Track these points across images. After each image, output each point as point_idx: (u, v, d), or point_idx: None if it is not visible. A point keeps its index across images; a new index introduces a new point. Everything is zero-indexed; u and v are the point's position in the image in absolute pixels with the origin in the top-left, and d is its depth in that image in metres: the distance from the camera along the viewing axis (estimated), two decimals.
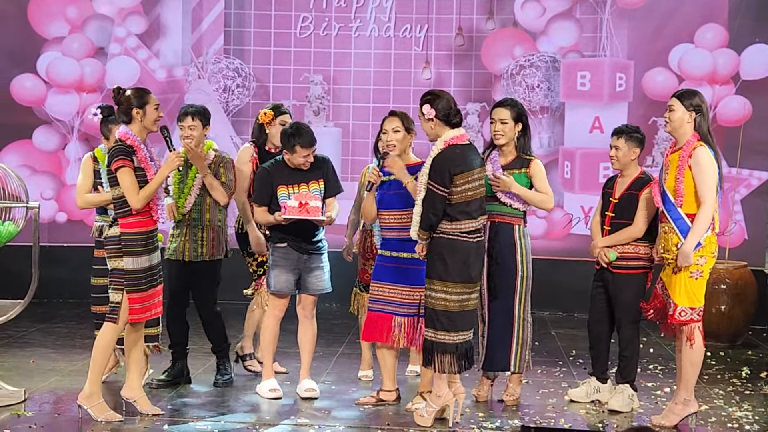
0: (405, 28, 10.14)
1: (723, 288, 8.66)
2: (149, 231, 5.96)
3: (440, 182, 5.78)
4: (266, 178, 6.58)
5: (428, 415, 5.99)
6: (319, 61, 10.17)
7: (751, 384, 7.28)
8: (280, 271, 6.60)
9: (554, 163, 10.00)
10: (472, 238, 5.85)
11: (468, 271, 5.84)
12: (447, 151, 5.84)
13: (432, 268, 5.87)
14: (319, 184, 6.57)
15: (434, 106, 5.88)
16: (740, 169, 9.53)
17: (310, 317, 6.69)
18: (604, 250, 6.42)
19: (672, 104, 6.07)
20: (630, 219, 6.39)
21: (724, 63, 9.71)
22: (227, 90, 10.14)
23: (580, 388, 6.64)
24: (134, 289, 5.91)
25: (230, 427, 5.95)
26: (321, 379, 7.09)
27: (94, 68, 10.06)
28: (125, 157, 5.86)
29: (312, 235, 6.58)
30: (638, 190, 6.40)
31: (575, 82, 9.98)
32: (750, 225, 9.70)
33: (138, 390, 6.13)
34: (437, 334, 5.86)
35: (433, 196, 5.80)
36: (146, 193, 5.88)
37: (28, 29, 10.04)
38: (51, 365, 7.30)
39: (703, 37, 9.74)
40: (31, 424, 5.86)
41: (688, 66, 9.74)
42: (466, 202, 5.81)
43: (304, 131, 6.48)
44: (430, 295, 5.87)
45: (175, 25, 10.18)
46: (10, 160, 9.68)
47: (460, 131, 5.92)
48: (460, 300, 5.84)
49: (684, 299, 5.97)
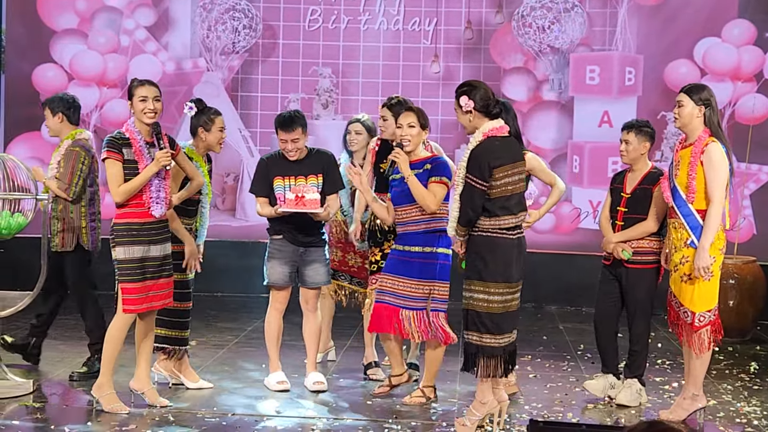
0: (414, 21, 10.13)
1: (732, 283, 8.63)
2: (141, 223, 5.92)
3: (479, 176, 5.48)
4: (264, 170, 6.57)
5: (471, 424, 5.68)
6: (328, 54, 10.16)
7: (759, 379, 7.27)
8: (275, 263, 6.58)
9: (563, 157, 9.98)
10: (512, 234, 5.57)
11: (509, 271, 5.55)
12: (486, 143, 5.56)
13: (471, 268, 5.59)
14: (318, 178, 6.55)
15: (472, 97, 5.62)
16: (749, 164, 9.51)
17: (313, 310, 6.68)
18: (618, 246, 6.40)
19: (681, 99, 6.05)
20: (643, 214, 6.35)
21: (749, 60, 9.68)
22: (234, 31, 10.12)
23: (597, 381, 6.53)
24: (127, 279, 5.90)
25: (238, 419, 5.95)
26: (328, 372, 7.09)
27: (117, 63, 10.07)
28: (112, 149, 5.85)
29: (309, 228, 6.54)
30: (651, 184, 6.35)
31: (584, 76, 9.95)
32: (759, 220, 9.67)
33: (146, 381, 6.14)
34: (482, 337, 5.58)
35: (472, 191, 5.50)
36: (127, 188, 5.85)
37: (37, 21, 10.05)
38: (59, 356, 7.31)
39: (731, 33, 9.71)
40: (39, 414, 5.88)
41: (713, 60, 9.71)
42: (506, 197, 5.53)
43: (287, 116, 6.49)
44: (471, 297, 5.58)
45: (184, 18, 10.18)
46: (20, 152, 9.69)
47: (499, 122, 5.65)
48: (503, 300, 5.56)
49: (701, 305, 5.96)
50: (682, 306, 6.01)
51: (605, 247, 6.46)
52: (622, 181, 6.51)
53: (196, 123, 6.47)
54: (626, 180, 6.49)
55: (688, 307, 5.98)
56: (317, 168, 6.56)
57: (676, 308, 6.05)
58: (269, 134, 10.19)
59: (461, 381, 6.74)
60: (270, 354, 6.70)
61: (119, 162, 5.85)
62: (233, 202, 10.27)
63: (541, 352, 7.96)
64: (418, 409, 6.24)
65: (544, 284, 9.51)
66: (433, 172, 6.21)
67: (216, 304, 9.45)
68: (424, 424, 5.94)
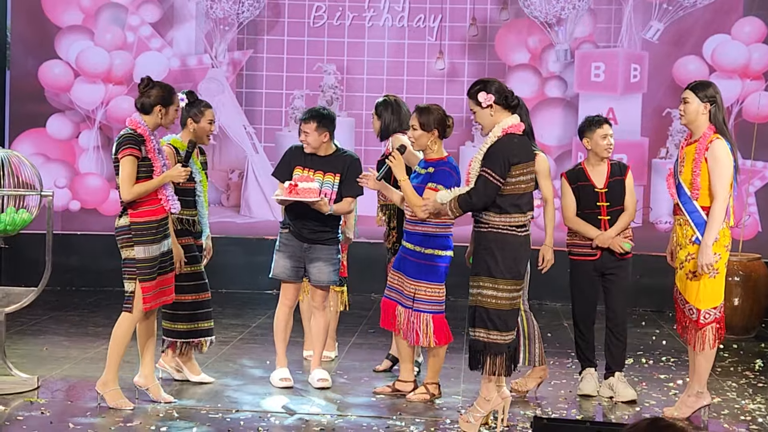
0: (419, 18, 10.12)
1: (736, 280, 8.63)
2: (159, 219, 5.95)
3: (498, 171, 5.45)
4: (289, 156, 6.62)
5: (475, 421, 5.66)
6: (333, 51, 10.15)
7: (764, 377, 7.26)
8: (279, 256, 6.61)
9: (567, 154, 9.97)
10: (521, 232, 5.57)
11: (518, 268, 5.57)
12: (505, 139, 5.53)
13: (480, 264, 5.56)
14: (335, 177, 6.54)
15: (489, 91, 5.58)
16: (755, 161, 9.49)
17: (320, 308, 6.67)
18: (617, 239, 6.41)
19: (686, 96, 6.03)
20: (620, 205, 6.49)
21: (759, 58, 9.66)
22: (237, 2, 10.11)
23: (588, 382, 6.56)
24: (146, 278, 5.91)
25: (241, 416, 5.96)
26: (333, 369, 7.09)
27: (123, 60, 10.07)
28: (134, 146, 5.85)
29: (315, 223, 6.53)
30: (621, 175, 6.50)
31: (590, 72, 9.94)
32: (764, 217, 9.66)
33: (150, 378, 6.15)
34: (489, 334, 5.56)
35: (486, 183, 5.46)
36: (140, 189, 5.85)
37: (42, 17, 10.05)
38: (64, 353, 7.32)
39: (741, 30, 9.70)
40: (43, 410, 5.89)
41: (722, 57, 9.69)
42: (518, 195, 5.52)
43: (312, 109, 6.57)
44: (479, 293, 5.55)
45: (189, 14, 10.18)
46: (24, 149, 9.71)
47: (516, 119, 5.61)
48: (511, 297, 5.56)
49: (707, 302, 5.96)
50: (687, 303, 6.00)
51: (602, 244, 6.44)
52: (586, 178, 6.50)
53: (186, 114, 6.52)
54: (589, 175, 6.50)
55: (693, 305, 5.97)
56: (337, 167, 6.54)
57: (682, 306, 6.05)
58: (274, 131, 10.20)
59: (465, 378, 6.74)
60: (277, 349, 6.70)
61: (137, 160, 5.87)
62: (238, 199, 10.27)
63: (545, 349, 7.93)
64: (422, 406, 6.24)
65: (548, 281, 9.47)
66: (434, 177, 6.18)
67: (220, 301, 9.46)
68: (428, 421, 5.93)
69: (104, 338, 6.99)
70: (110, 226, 6.30)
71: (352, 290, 7.58)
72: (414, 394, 6.37)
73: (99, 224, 9.95)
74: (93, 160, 10.14)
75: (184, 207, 6.42)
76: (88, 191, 10.16)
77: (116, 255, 5.99)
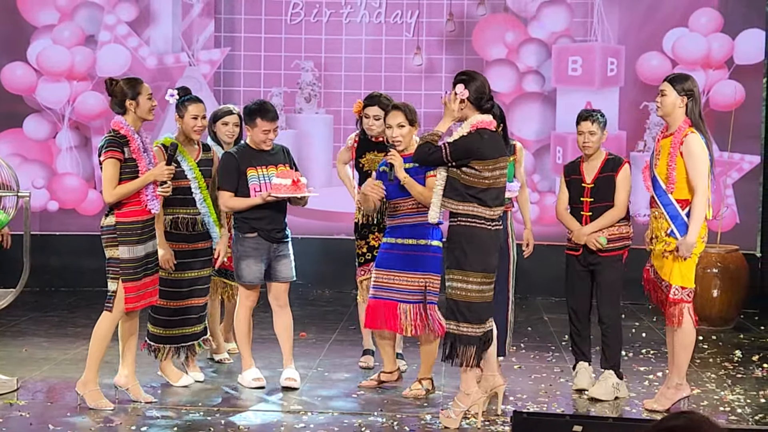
0: (396, 14, 10.12)
1: (715, 272, 8.67)
2: (145, 220, 5.94)
3: (453, 155, 5.59)
4: (233, 162, 6.45)
5: (456, 416, 5.72)
6: (310, 48, 10.14)
7: (743, 368, 7.30)
8: (250, 262, 6.45)
9: (546, 148, 10.00)
10: (490, 226, 5.66)
11: (487, 260, 5.65)
12: (473, 135, 5.65)
13: (451, 258, 5.68)
14: (286, 168, 6.52)
15: (468, 86, 5.67)
16: (731, 153, 9.54)
17: (285, 306, 6.59)
18: (593, 236, 6.40)
19: (664, 88, 6.05)
20: (608, 201, 6.39)
21: (719, 48, 9.71)
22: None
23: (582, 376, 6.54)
24: (130, 278, 5.90)
25: (223, 413, 5.94)
26: (314, 365, 7.09)
27: (84, 56, 10.03)
28: (116, 149, 5.84)
29: (280, 222, 6.51)
30: (613, 171, 6.40)
31: (567, 67, 9.97)
32: (741, 209, 9.71)
33: (131, 378, 6.13)
34: (459, 326, 5.67)
35: (438, 151, 5.61)
36: (122, 191, 5.83)
37: (17, 17, 10.00)
38: (43, 354, 7.30)
39: (698, 22, 9.74)
40: (23, 412, 5.86)
41: (682, 50, 9.74)
42: (482, 189, 5.61)
43: (268, 107, 6.48)
44: (450, 286, 5.68)
45: (165, 12, 10.15)
46: (1, 149, 9.65)
47: (488, 117, 5.72)
48: (480, 290, 5.64)
49: (677, 278, 5.99)
50: (663, 281, 6.02)
51: (577, 239, 6.45)
52: (579, 172, 6.51)
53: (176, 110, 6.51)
54: (583, 170, 6.49)
55: (667, 280, 6.01)
56: (283, 159, 6.55)
57: (659, 283, 6.06)
58: None
59: (446, 373, 6.75)
60: (242, 352, 6.61)
61: (120, 162, 5.84)
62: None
63: (525, 343, 7.97)
64: (404, 401, 6.24)
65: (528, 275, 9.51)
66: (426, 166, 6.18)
67: None
68: (409, 416, 5.94)
69: (84, 339, 6.97)
70: (89, 225, 6.30)
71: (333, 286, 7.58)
72: (410, 389, 6.37)
73: (77, 224, 9.91)
74: (69, 159, 10.09)
75: (180, 206, 6.40)
76: (66, 191, 10.11)
77: (96, 255, 5.97)
